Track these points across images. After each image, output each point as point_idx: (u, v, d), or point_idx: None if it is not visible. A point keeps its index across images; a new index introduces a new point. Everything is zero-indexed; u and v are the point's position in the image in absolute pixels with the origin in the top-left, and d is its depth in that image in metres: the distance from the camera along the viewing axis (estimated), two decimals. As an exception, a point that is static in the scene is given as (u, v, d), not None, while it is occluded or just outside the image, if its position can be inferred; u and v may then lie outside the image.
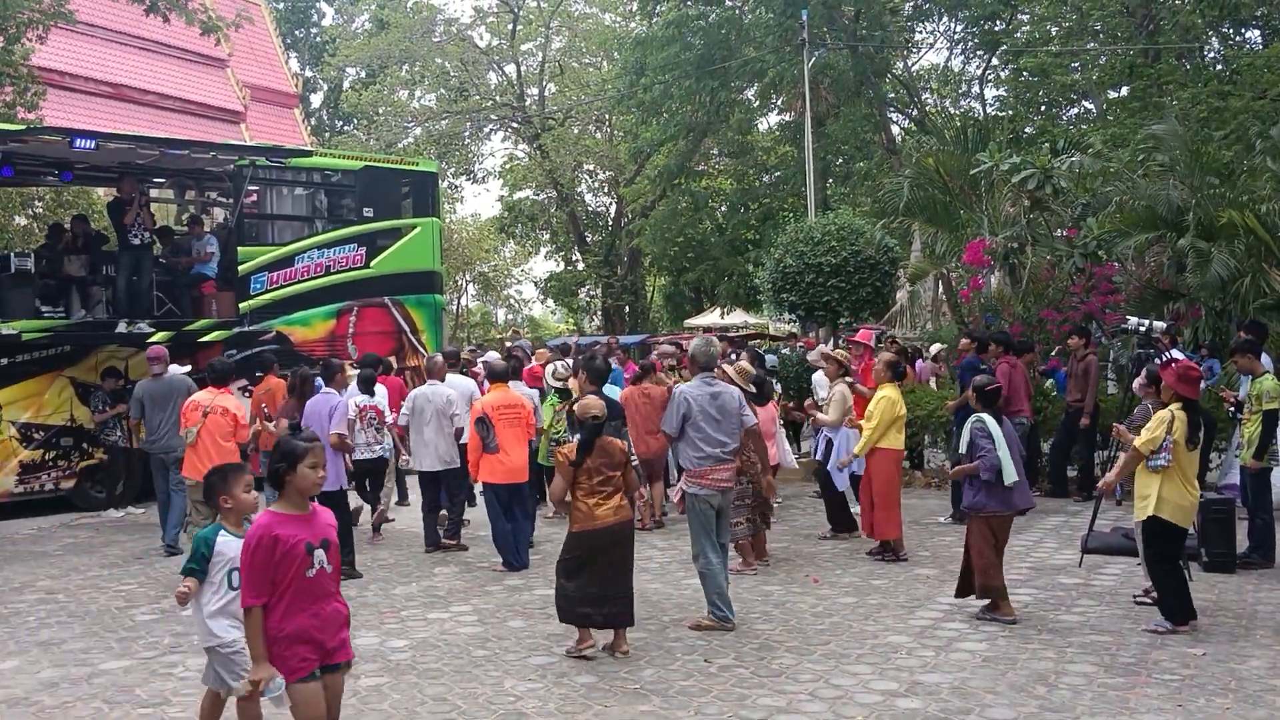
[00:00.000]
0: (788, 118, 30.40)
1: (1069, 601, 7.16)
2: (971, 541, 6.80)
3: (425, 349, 13.73)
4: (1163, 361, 7.21)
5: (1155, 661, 5.82)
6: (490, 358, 12.46)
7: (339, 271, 13.52)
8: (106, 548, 9.79)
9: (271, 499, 4.23)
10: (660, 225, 31.17)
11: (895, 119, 30.06)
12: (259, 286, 12.84)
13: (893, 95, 29.56)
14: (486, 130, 39.17)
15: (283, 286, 13.02)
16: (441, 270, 15.44)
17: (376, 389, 9.98)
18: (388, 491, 10.44)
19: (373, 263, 13.84)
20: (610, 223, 39.12)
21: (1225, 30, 22.69)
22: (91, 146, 11.74)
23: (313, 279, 13.29)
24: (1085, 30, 23.82)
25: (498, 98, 37.59)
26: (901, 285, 17.04)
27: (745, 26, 27.00)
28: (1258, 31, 23.02)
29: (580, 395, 8.46)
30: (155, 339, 11.64)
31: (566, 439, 8.33)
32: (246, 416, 9.01)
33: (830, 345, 12.07)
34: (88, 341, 11.80)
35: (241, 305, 12.71)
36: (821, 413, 9.51)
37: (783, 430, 9.28)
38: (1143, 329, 10.10)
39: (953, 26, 29.17)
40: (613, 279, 37.36)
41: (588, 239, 38.76)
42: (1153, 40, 21.65)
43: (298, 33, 46.35)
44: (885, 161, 25.75)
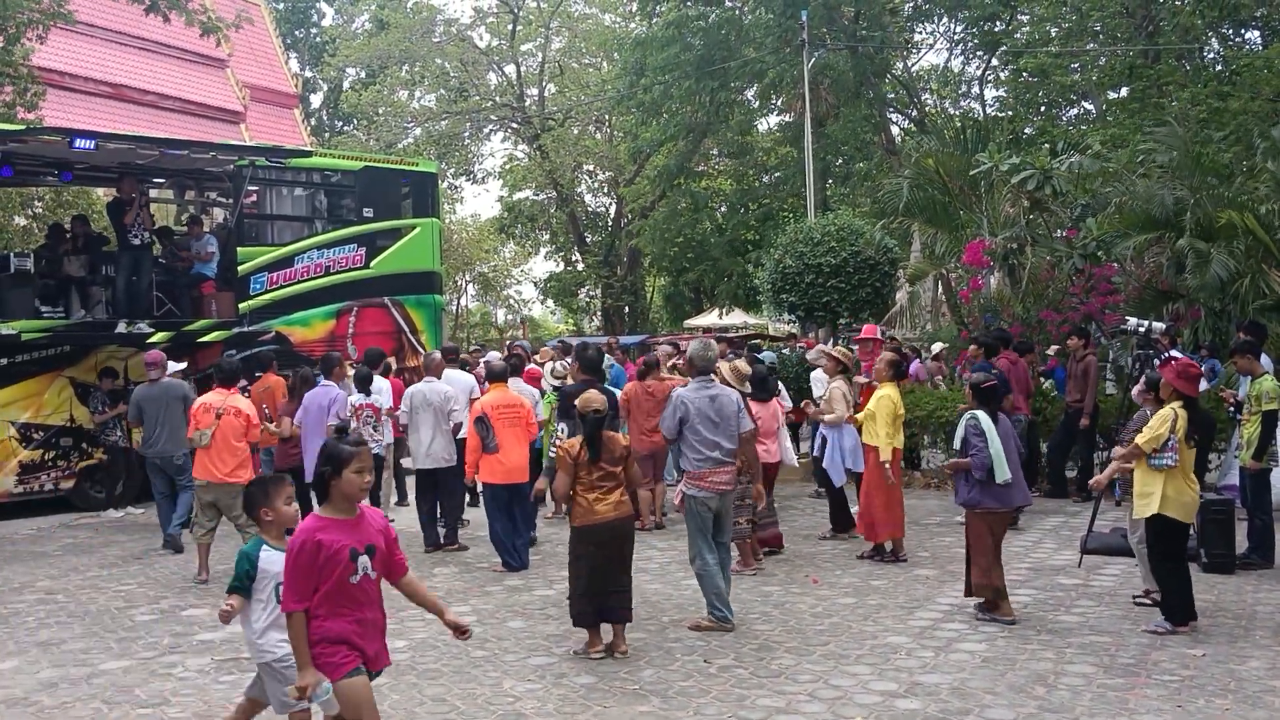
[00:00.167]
0: (787, 118, 30.39)
1: (1068, 602, 7.16)
2: (970, 539, 6.83)
3: (425, 349, 13.71)
4: (1162, 361, 7.23)
5: (1155, 662, 5.82)
6: (491, 358, 12.47)
7: (339, 272, 13.52)
8: (106, 548, 9.79)
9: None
10: (660, 226, 31.16)
11: (895, 119, 30.07)
12: (259, 287, 12.83)
13: (892, 96, 29.56)
14: (486, 131, 39.18)
15: (282, 287, 13.01)
16: (441, 271, 15.45)
17: (381, 386, 9.99)
18: (386, 493, 10.44)
19: (372, 263, 13.84)
20: (610, 223, 39.12)
21: (1225, 31, 22.69)
22: (91, 147, 11.74)
23: (312, 279, 13.29)
24: (1085, 31, 23.82)
25: (497, 98, 37.58)
26: (901, 286, 17.02)
27: (745, 27, 26.99)
28: (1257, 32, 23.03)
29: (573, 383, 8.45)
30: (155, 339, 11.65)
31: (554, 430, 8.32)
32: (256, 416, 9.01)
33: (830, 344, 12.07)
34: (87, 342, 11.79)
35: (241, 305, 12.71)
36: (818, 410, 9.52)
37: (786, 428, 9.25)
38: (1142, 330, 10.10)
39: (952, 27, 29.18)
40: (612, 279, 37.35)
41: (587, 239, 38.75)
42: (1152, 41, 21.65)
43: (298, 33, 46.36)
44: (885, 162, 25.74)
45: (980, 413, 6.86)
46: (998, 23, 26.86)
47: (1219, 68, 21.70)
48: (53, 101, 17.63)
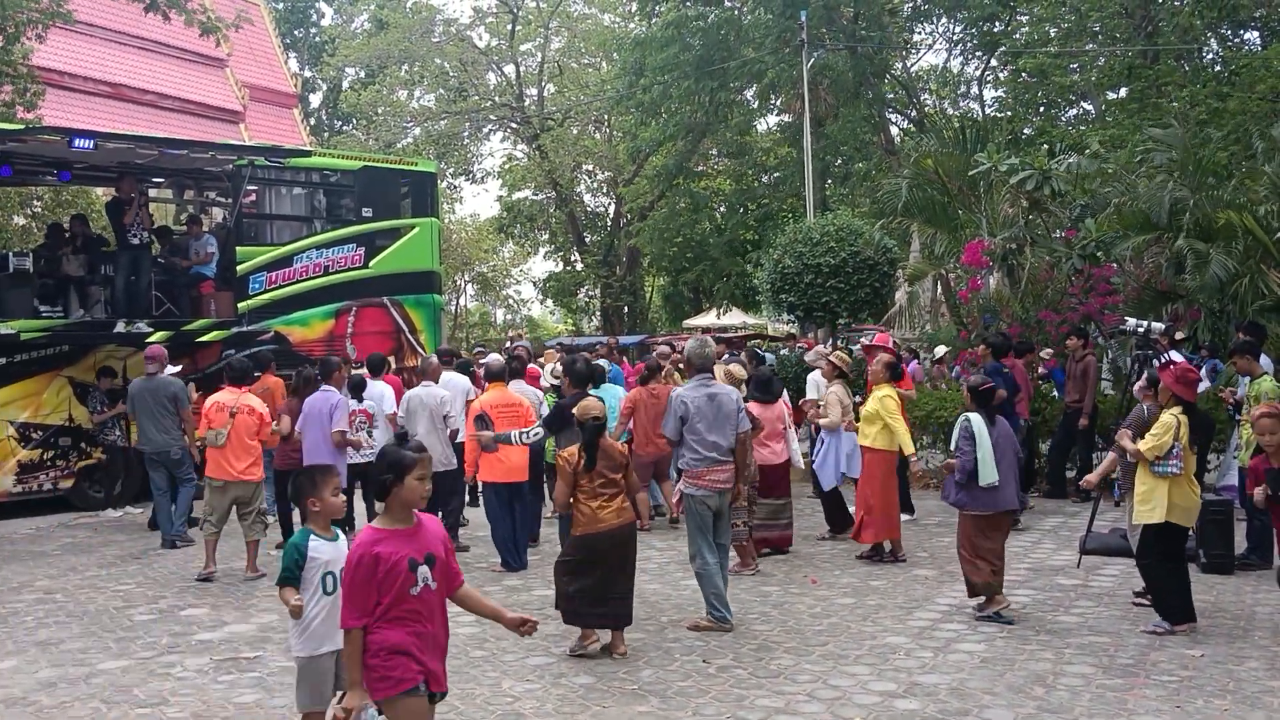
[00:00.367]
0: (787, 118, 30.39)
1: (1067, 602, 7.17)
2: (958, 538, 6.88)
3: (424, 349, 13.70)
4: (1161, 363, 7.23)
5: (1153, 663, 5.83)
6: (491, 359, 12.46)
7: (338, 271, 13.51)
8: (104, 547, 9.78)
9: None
10: (659, 226, 31.17)
11: (894, 120, 30.08)
12: (257, 286, 12.83)
13: (891, 96, 29.56)
14: (485, 130, 39.18)
15: (281, 286, 13.00)
16: (440, 270, 15.43)
17: (383, 387, 9.99)
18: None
19: (371, 263, 13.83)
20: (609, 223, 39.12)
21: (1224, 31, 22.69)
22: (90, 146, 11.73)
23: (311, 279, 13.28)
24: (1084, 31, 23.83)
25: (497, 98, 37.58)
26: (900, 286, 17.02)
27: (744, 27, 26.98)
28: (1256, 33, 23.05)
29: (566, 396, 8.42)
30: (153, 339, 11.64)
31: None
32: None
33: (829, 346, 12.07)
34: (86, 341, 11.79)
35: (240, 305, 12.70)
36: (816, 411, 9.52)
37: (793, 429, 9.24)
38: (1141, 330, 10.11)
39: (951, 27, 29.19)
40: (611, 279, 37.35)
41: (586, 239, 38.75)
42: (1151, 41, 21.66)
43: (297, 33, 46.36)
44: (884, 162, 25.75)
45: (974, 415, 6.86)
46: (997, 23, 26.87)
47: (1218, 68, 21.72)
48: (52, 101, 17.62)
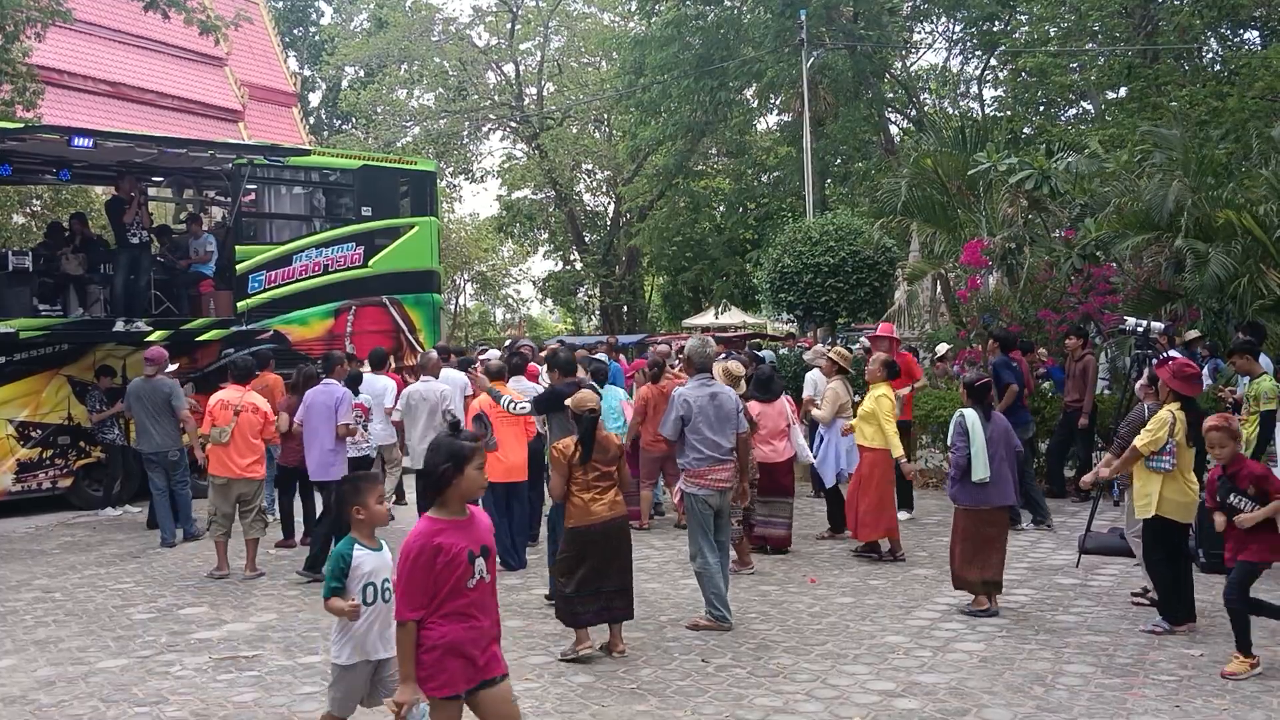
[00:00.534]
0: (786, 118, 30.40)
1: (1066, 602, 7.17)
2: (951, 533, 6.94)
3: (423, 348, 13.71)
4: (1159, 361, 7.23)
5: (1153, 662, 5.83)
6: (491, 357, 12.47)
7: (337, 270, 13.51)
8: (103, 546, 9.78)
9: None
10: (658, 225, 31.18)
11: (893, 119, 30.10)
12: (257, 285, 12.82)
13: (891, 95, 29.57)
14: (485, 129, 39.18)
15: (281, 285, 12.99)
16: (439, 269, 15.43)
17: (386, 381, 10.00)
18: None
19: (371, 262, 13.83)
20: (608, 222, 39.12)
21: (1223, 31, 22.71)
22: (89, 145, 11.73)
23: (311, 278, 13.27)
24: (1083, 31, 23.84)
25: (496, 97, 37.57)
26: (899, 285, 17.03)
27: (744, 26, 27.00)
28: (1256, 32, 23.06)
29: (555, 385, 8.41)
30: (152, 337, 11.64)
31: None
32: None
33: (828, 345, 12.07)
34: (85, 340, 11.77)
35: (239, 304, 12.69)
36: (817, 409, 9.53)
37: (797, 426, 9.24)
38: (1140, 330, 10.11)
39: (951, 27, 29.24)
40: (611, 279, 37.35)
41: (586, 238, 38.75)
42: (1151, 41, 21.68)
43: (296, 31, 46.38)
44: (883, 161, 25.76)
45: (969, 411, 6.91)
46: (996, 22, 26.89)
47: (1217, 68, 21.74)
48: (51, 100, 17.60)
